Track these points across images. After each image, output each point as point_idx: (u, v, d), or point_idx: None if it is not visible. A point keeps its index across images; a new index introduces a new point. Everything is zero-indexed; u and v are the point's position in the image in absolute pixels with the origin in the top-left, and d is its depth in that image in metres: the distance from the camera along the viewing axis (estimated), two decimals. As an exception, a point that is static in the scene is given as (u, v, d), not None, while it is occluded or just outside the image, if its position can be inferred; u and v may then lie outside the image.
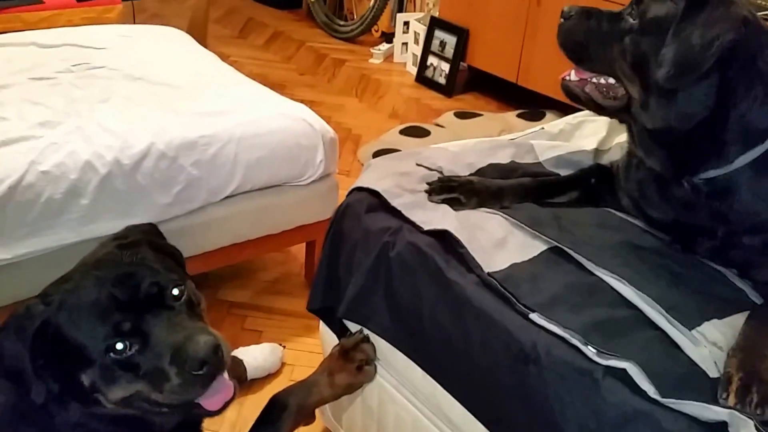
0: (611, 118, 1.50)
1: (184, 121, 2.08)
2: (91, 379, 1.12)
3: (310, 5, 5.27)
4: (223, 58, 2.75)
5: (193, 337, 1.12)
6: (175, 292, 1.17)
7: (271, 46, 4.91)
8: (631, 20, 1.33)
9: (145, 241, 1.25)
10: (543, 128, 1.89)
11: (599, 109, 1.45)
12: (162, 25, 3.01)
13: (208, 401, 1.16)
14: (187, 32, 2.98)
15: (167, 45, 2.72)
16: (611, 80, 1.39)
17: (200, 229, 2.08)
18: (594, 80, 1.41)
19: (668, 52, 1.24)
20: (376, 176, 1.63)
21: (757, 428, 1.01)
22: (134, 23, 3.41)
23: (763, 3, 3.03)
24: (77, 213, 1.89)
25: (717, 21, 1.22)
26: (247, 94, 2.34)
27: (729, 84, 1.25)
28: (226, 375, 1.18)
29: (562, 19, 1.43)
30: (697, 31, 1.22)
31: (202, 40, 3.17)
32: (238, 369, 2.02)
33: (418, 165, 1.65)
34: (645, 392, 1.08)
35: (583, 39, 1.40)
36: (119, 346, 1.10)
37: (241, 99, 2.28)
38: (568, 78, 1.45)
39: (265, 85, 2.50)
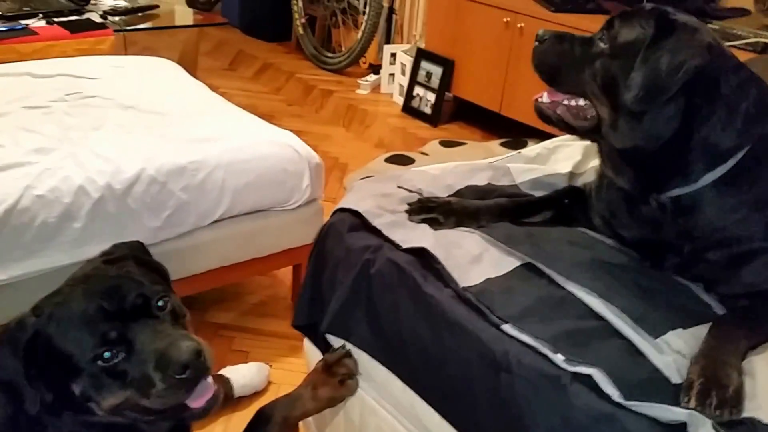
0: (582, 138, 1.54)
1: (174, 147, 2.13)
2: (82, 387, 1.16)
3: (299, 38, 5.38)
4: (213, 89, 2.82)
5: (176, 342, 1.16)
6: (160, 303, 1.22)
7: (261, 77, 5.00)
8: (602, 45, 1.38)
9: (131, 256, 1.31)
10: (520, 152, 1.96)
11: (570, 130, 1.48)
12: (153, 56, 3.08)
13: (194, 402, 1.20)
14: (178, 64, 3.05)
15: (158, 75, 2.80)
16: (582, 102, 1.43)
17: (189, 252, 2.13)
18: (565, 102, 1.45)
19: (637, 76, 1.29)
20: (358, 198, 1.68)
21: (714, 428, 1.06)
22: (126, 54, 3.48)
23: (737, 32, 3.13)
24: (70, 236, 1.94)
25: (684, 47, 1.27)
26: (234, 122, 2.41)
27: (694, 107, 1.30)
28: (210, 379, 1.22)
29: (536, 43, 1.48)
30: (665, 56, 1.27)
31: (192, 71, 3.24)
32: (225, 387, 2.05)
33: (399, 187, 1.71)
34: (609, 396, 1.12)
35: (556, 61, 1.45)
36: (106, 354, 1.15)
37: (229, 126, 2.34)
38: (540, 100, 1.49)
39: (254, 115, 2.55)
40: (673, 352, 1.21)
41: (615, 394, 1.13)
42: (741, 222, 1.34)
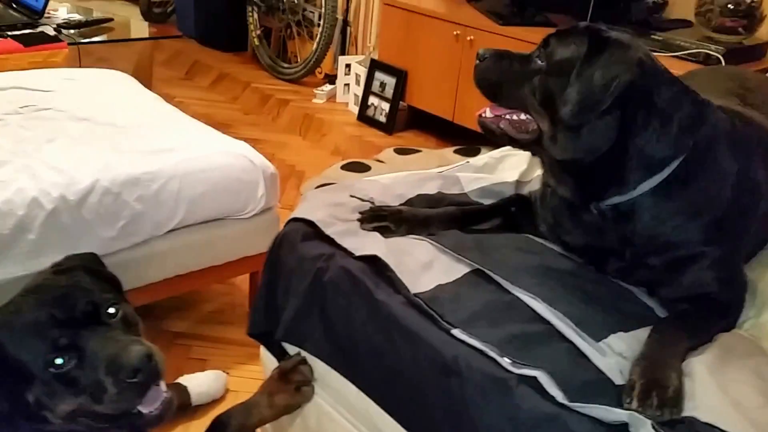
0: (524, 150, 1.56)
1: (128, 158, 2.10)
2: (36, 395, 1.15)
3: (255, 48, 5.35)
4: (170, 99, 2.79)
5: (126, 347, 1.16)
6: (111, 310, 1.21)
7: (217, 87, 4.96)
8: (539, 62, 1.40)
9: (81, 266, 1.30)
10: (468, 162, 1.98)
11: (513, 143, 1.50)
12: (108, 68, 3.03)
13: (146, 407, 1.20)
14: (133, 75, 3.00)
15: (112, 87, 2.75)
16: (523, 116, 1.44)
17: (145, 262, 2.10)
18: (508, 116, 1.46)
19: (572, 91, 1.31)
20: (312, 207, 1.68)
21: (654, 428, 1.07)
22: (80, 67, 3.41)
23: (680, 43, 3.19)
24: (25, 247, 1.89)
25: (615, 63, 1.30)
26: (189, 133, 2.37)
27: (629, 119, 1.32)
28: (162, 384, 1.21)
29: (477, 61, 1.49)
30: (598, 72, 1.30)
31: (147, 82, 3.20)
32: (182, 395, 2.03)
33: (351, 196, 1.72)
34: (554, 398, 1.14)
35: (496, 79, 1.46)
36: (58, 360, 1.14)
37: (183, 137, 2.31)
38: (484, 115, 1.50)
39: (210, 124, 2.53)
40: (615, 354, 1.24)
41: (559, 395, 1.14)
42: (678, 228, 1.37)
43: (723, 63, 2.96)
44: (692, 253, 1.38)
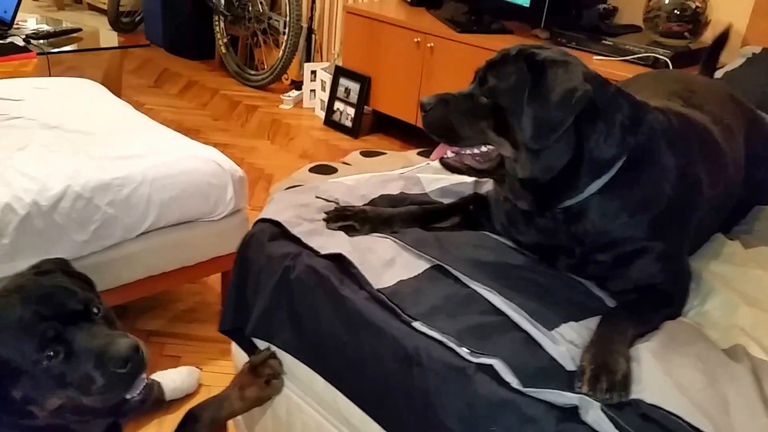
0: (490, 177, 1.53)
1: (99, 164, 2.08)
2: (23, 391, 1.14)
3: (222, 56, 5.31)
4: (139, 106, 2.77)
5: (115, 340, 1.17)
6: (95, 309, 1.21)
7: (186, 94, 4.91)
8: (484, 99, 1.38)
9: (59, 269, 1.29)
10: (429, 163, 2.00)
11: (480, 174, 1.49)
12: (77, 77, 2.99)
13: (130, 393, 1.21)
14: (102, 83, 2.96)
15: (81, 96, 2.71)
16: (484, 148, 1.43)
17: (117, 264, 2.08)
18: (469, 152, 1.45)
19: (526, 119, 1.31)
20: (278, 208, 1.69)
21: (602, 410, 1.10)
22: (50, 76, 3.36)
23: (630, 47, 3.24)
24: (-1, 251, 1.87)
25: (566, 80, 1.30)
26: (158, 139, 2.36)
27: (579, 129, 1.34)
28: (145, 376, 1.22)
29: (423, 113, 1.45)
30: (553, 93, 1.29)
31: (117, 90, 3.17)
32: (156, 391, 2.01)
33: (317, 197, 1.73)
34: (509, 384, 1.17)
35: (448, 124, 1.42)
36: (47, 354, 1.13)
37: (152, 143, 2.29)
38: (446, 156, 1.47)
39: (180, 130, 2.51)
40: (566, 342, 1.26)
41: (514, 381, 1.17)
42: (624, 225, 1.40)
43: (670, 66, 3.01)
44: (638, 248, 1.41)
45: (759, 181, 1.77)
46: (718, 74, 2.66)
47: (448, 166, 1.48)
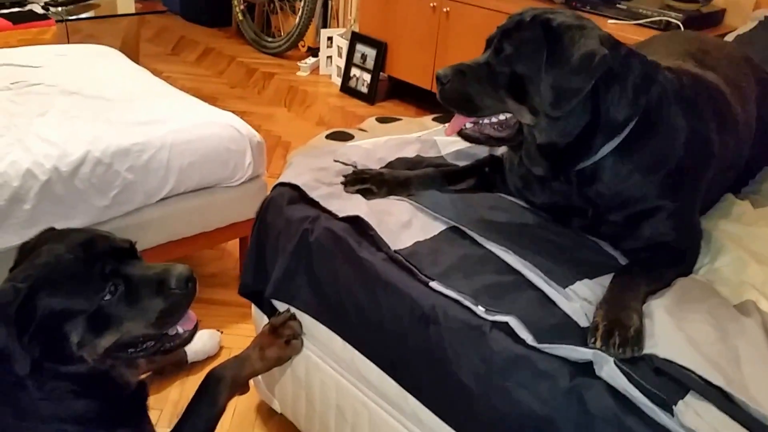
0: (509, 144, 1.52)
1: (118, 130, 2.10)
2: (81, 334, 1.17)
3: (239, 23, 5.30)
4: (156, 74, 2.77)
5: (170, 267, 1.22)
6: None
7: (203, 61, 4.92)
8: (501, 68, 1.37)
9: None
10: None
11: (500, 142, 1.49)
12: (95, 44, 3.01)
13: (184, 324, 1.28)
14: (120, 51, 2.98)
15: (100, 62, 2.73)
16: (502, 116, 1.43)
17: (137, 229, 2.11)
18: (487, 121, 1.45)
19: (545, 86, 1.30)
20: (297, 172, 1.70)
21: (616, 364, 1.12)
22: (68, 43, 3.39)
23: (642, 11, 3.20)
24: (20, 218, 1.91)
25: (584, 44, 1.30)
26: (177, 105, 2.38)
27: (596, 92, 1.33)
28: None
29: (440, 86, 1.43)
30: (573, 58, 1.29)
31: (134, 58, 3.18)
32: (179, 353, 2.06)
33: (335, 161, 1.74)
34: (524, 340, 1.19)
35: (466, 96, 1.41)
36: (108, 290, 1.17)
37: (171, 109, 2.31)
38: (465, 128, 1.47)
39: (198, 97, 2.53)
40: (580, 299, 1.28)
41: (529, 338, 1.19)
42: (636, 185, 1.40)
43: (682, 29, 2.99)
44: (650, 207, 1.42)
45: None
46: (730, 37, 2.63)
47: (469, 138, 1.48)
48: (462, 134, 1.48)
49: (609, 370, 1.11)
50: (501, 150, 1.80)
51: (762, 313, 1.25)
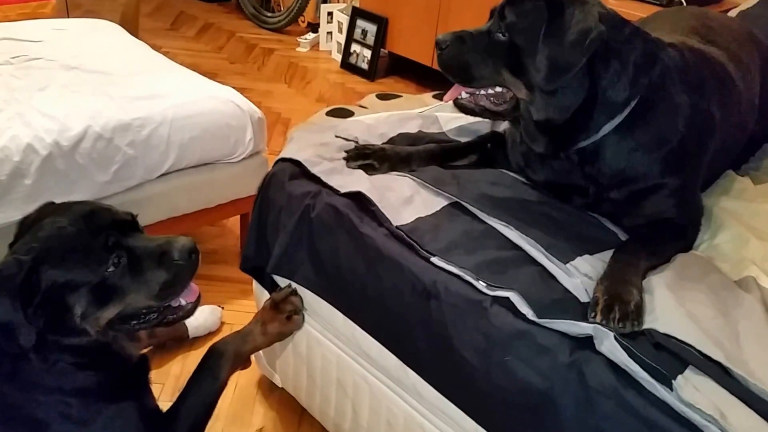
0: (505, 119, 1.52)
1: (119, 105, 2.10)
2: (85, 305, 1.18)
3: (239, -2, 5.26)
4: (156, 49, 2.75)
5: (173, 238, 1.23)
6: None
7: (202, 37, 4.89)
8: (501, 36, 1.37)
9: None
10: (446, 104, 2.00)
11: (495, 115, 1.49)
12: (95, 18, 2.99)
13: (187, 296, 1.30)
14: (119, 25, 2.96)
15: (100, 36, 2.72)
16: (498, 89, 1.43)
17: (138, 205, 2.09)
18: (483, 92, 1.45)
19: (541, 57, 1.30)
20: (298, 148, 1.70)
21: (616, 339, 1.12)
22: (68, 18, 3.36)
23: None
24: (21, 192, 1.91)
25: (581, 20, 1.29)
26: (177, 80, 2.37)
27: (594, 70, 1.33)
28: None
29: (438, 50, 1.44)
30: (569, 32, 1.29)
31: (134, 33, 3.15)
32: (180, 328, 2.08)
33: (336, 136, 1.74)
34: (525, 315, 1.20)
35: (464, 63, 1.41)
36: (112, 261, 1.18)
37: (172, 84, 2.30)
38: (460, 97, 1.47)
39: (197, 73, 2.50)
40: (581, 275, 1.28)
41: (529, 313, 1.20)
42: (638, 163, 1.41)
43: (684, 4, 2.98)
44: (652, 184, 1.42)
45: None
46: (733, 13, 2.62)
47: (463, 108, 1.48)
48: (457, 103, 1.48)
49: (609, 344, 1.12)
50: (503, 126, 1.80)
51: (762, 289, 1.26)
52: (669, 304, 1.18)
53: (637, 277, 1.25)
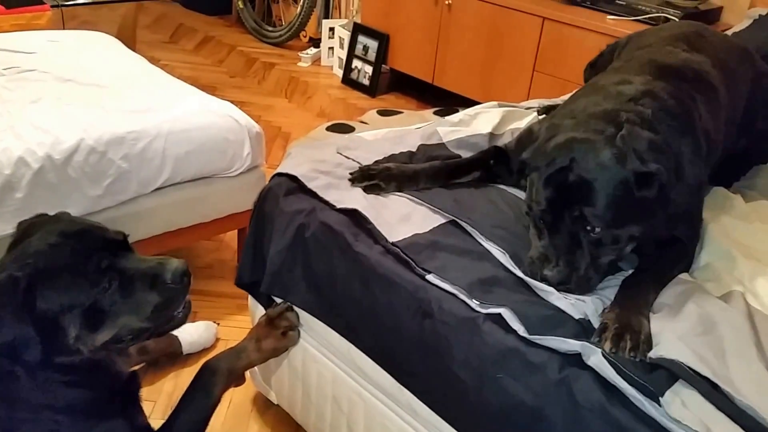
0: None
1: (113, 118, 2.13)
2: (78, 327, 1.19)
3: (240, 11, 5.31)
4: (154, 62, 2.79)
5: (164, 261, 1.24)
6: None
7: (202, 50, 4.94)
8: (593, 234, 1.32)
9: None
10: (445, 119, 2.02)
11: None
12: (91, 30, 3.02)
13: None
14: (117, 38, 3.00)
15: (96, 48, 2.76)
16: None
17: (132, 219, 2.13)
18: None
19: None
20: (296, 163, 1.73)
21: (604, 356, 1.15)
22: (64, 29, 3.39)
23: (642, 7, 3.28)
24: (13, 206, 1.93)
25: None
26: (173, 93, 2.40)
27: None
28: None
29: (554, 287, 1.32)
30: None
31: (131, 45, 3.19)
32: (174, 345, 2.08)
33: (337, 153, 1.75)
34: (516, 332, 1.22)
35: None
36: (103, 285, 1.19)
37: (168, 97, 2.34)
38: None
39: (196, 87, 2.55)
40: (573, 297, 1.30)
41: (521, 329, 1.22)
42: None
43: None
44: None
45: (760, 131, 1.85)
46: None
47: None
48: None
49: (596, 360, 1.15)
50: (502, 141, 1.82)
51: (748, 305, 1.29)
52: (658, 326, 1.22)
53: (647, 308, 1.28)
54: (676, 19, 3.10)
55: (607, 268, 1.37)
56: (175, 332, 2.10)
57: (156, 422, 1.45)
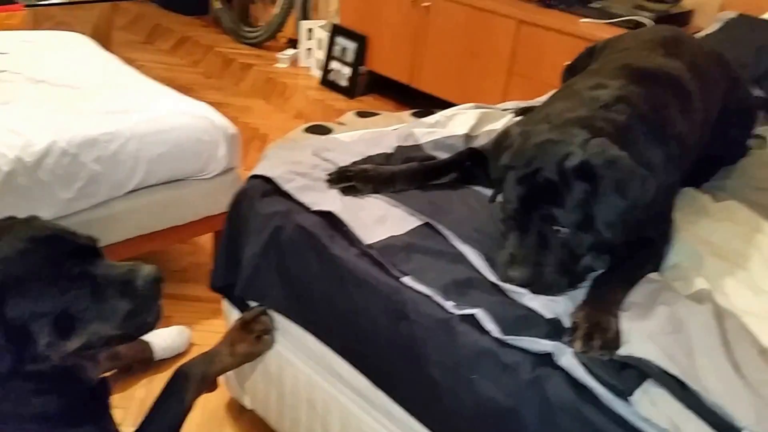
0: None
1: (86, 119, 2.11)
2: (49, 337, 1.16)
3: (217, 12, 5.29)
4: (130, 62, 2.76)
5: (136, 266, 1.22)
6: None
7: (178, 50, 4.91)
8: (563, 229, 1.33)
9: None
10: (421, 120, 2.03)
11: None
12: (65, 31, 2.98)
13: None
14: (92, 38, 2.97)
15: (69, 49, 2.73)
16: None
17: (105, 223, 2.11)
18: None
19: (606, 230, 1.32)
20: (271, 165, 1.72)
21: (574, 355, 1.16)
22: (38, 29, 3.35)
23: (615, 11, 3.32)
24: (-18, 209, 1.89)
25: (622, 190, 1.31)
26: (148, 94, 2.39)
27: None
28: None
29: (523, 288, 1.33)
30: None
31: (106, 46, 3.15)
32: (146, 351, 2.06)
33: (313, 155, 1.74)
34: (489, 333, 1.23)
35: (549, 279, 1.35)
36: (73, 291, 1.16)
37: (142, 98, 2.32)
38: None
39: (172, 88, 2.53)
40: (545, 298, 1.31)
41: (495, 330, 1.24)
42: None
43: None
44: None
45: (732, 137, 1.90)
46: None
47: None
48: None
49: (567, 361, 1.16)
50: (478, 142, 1.82)
51: (716, 303, 1.31)
52: (627, 325, 1.23)
53: (616, 307, 1.29)
54: (651, 22, 3.14)
55: (578, 274, 1.38)
56: (147, 337, 2.08)
57: (128, 430, 1.44)
